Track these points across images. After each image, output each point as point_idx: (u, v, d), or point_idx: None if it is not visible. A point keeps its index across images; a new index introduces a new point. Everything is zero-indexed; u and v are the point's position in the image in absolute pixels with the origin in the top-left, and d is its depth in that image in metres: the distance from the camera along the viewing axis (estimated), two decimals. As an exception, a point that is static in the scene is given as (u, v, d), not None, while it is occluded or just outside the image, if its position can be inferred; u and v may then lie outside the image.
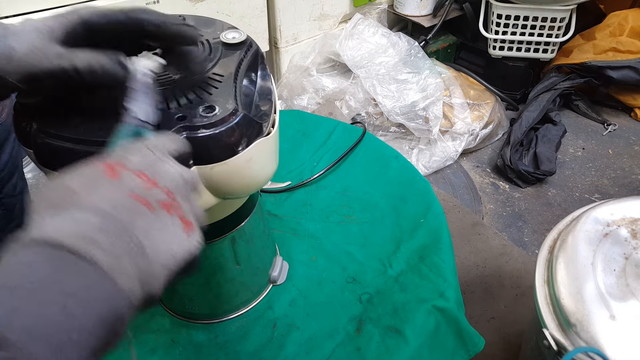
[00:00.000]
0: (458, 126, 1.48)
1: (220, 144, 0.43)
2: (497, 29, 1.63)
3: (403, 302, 0.68)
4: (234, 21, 1.36)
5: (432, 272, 0.71)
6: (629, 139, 1.63)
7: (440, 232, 0.77)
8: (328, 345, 0.65)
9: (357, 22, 1.55)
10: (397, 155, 0.93)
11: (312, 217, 0.83)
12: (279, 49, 1.54)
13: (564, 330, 0.57)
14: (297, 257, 0.77)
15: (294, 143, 0.99)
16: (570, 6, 1.54)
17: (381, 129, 1.49)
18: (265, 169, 0.51)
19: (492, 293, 0.98)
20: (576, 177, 1.49)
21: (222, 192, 0.48)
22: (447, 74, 1.55)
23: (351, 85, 1.49)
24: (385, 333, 0.65)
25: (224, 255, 0.63)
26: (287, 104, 1.54)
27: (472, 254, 1.06)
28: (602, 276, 0.58)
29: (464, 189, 1.43)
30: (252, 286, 0.70)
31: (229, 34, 0.52)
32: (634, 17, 1.63)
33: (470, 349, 0.65)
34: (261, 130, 0.47)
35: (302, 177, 0.91)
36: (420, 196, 0.84)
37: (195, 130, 0.42)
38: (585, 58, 1.62)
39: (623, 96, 1.70)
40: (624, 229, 0.62)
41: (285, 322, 0.68)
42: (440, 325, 0.66)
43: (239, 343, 0.66)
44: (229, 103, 0.44)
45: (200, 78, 0.47)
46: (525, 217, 1.35)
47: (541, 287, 0.62)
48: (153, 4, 1.19)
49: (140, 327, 0.68)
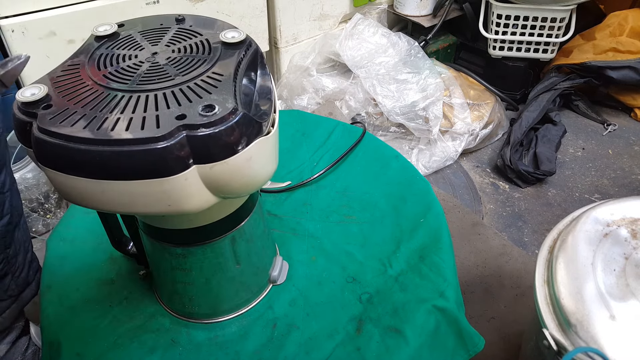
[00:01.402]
0: (458, 126, 1.48)
1: (220, 143, 0.43)
2: (497, 29, 1.63)
3: (403, 302, 0.68)
4: (234, 21, 1.36)
5: (432, 272, 0.71)
6: (629, 139, 1.63)
7: (440, 232, 0.77)
8: (328, 345, 0.65)
9: (357, 22, 1.55)
10: (397, 155, 0.93)
11: (312, 217, 0.83)
12: (279, 49, 1.54)
13: (564, 330, 0.57)
14: (297, 257, 0.77)
15: (294, 143, 0.99)
16: (570, 6, 1.53)
17: (381, 129, 1.49)
18: (265, 168, 0.51)
19: (492, 293, 0.98)
20: (576, 177, 1.49)
21: (222, 192, 0.48)
22: (447, 74, 1.55)
23: (351, 85, 1.49)
24: (385, 333, 0.65)
25: (224, 255, 0.63)
26: (287, 104, 1.54)
27: (472, 254, 1.06)
28: (602, 276, 0.58)
29: (464, 189, 1.43)
30: (252, 286, 0.70)
31: (229, 34, 0.53)
32: (634, 17, 1.63)
33: (470, 349, 0.65)
34: (261, 129, 0.47)
35: (302, 177, 0.91)
36: (420, 196, 0.84)
37: (195, 129, 0.42)
38: (585, 58, 1.62)
39: (623, 96, 1.70)
40: (624, 229, 0.62)
41: (285, 322, 0.68)
42: (440, 325, 0.66)
43: (239, 343, 0.66)
44: (228, 102, 0.44)
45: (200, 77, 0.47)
46: (525, 217, 1.35)
47: (541, 287, 0.62)
48: (153, 4, 1.19)
49: (140, 327, 0.68)
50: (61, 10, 1.08)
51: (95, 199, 0.45)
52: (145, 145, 0.40)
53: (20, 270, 0.75)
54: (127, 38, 0.54)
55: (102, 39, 0.54)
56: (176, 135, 0.41)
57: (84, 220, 0.84)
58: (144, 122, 0.42)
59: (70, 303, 0.71)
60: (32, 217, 1.23)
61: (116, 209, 0.47)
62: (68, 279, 0.75)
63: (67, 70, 0.50)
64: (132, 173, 0.42)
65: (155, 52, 0.52)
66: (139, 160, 0.41)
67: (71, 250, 0.79)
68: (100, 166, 0.42)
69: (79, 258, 0.78)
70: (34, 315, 0.83)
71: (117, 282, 0.74)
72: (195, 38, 0.54)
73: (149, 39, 0.54)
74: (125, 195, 0.44)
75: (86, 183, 0.43)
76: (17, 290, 0.75)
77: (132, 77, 0.48)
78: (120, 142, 0.40)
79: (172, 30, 0.56)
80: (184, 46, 0.53)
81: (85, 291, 0.73)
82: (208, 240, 0.60)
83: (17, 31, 1.04)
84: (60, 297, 0.72)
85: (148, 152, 0.41)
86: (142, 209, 0.46)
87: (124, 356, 0.65)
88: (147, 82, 0.47)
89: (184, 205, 0.46)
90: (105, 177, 0.42)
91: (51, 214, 1.26)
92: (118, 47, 0.53)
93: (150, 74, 0.48)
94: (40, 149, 0.43)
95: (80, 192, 0.45)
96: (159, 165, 0.42)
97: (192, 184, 0.44)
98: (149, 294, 0.73)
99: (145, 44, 0.53)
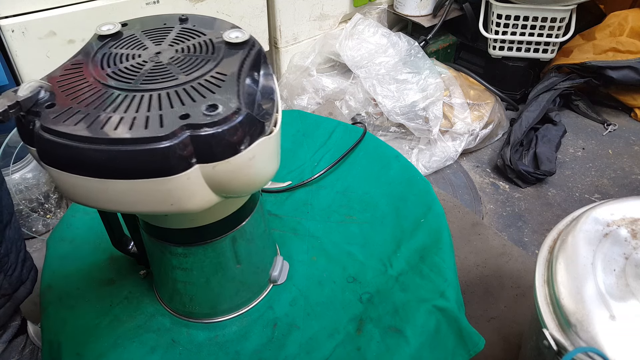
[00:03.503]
0: (458, 126, 1.48)
1: (223, 142, 0.43)
2: (497, 29, 1.63)
3: (403, 302, 0.69)
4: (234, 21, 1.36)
5: (432, 272, 0.72)
6: (629, 139, 1.63)
7: (440, 232, 0.77)
8: (328, 345, 0.65)
9: (357, 22, 1.55)
10: (397, 155, 0.93)
11: (313, 217, 0.83)
12: (279, 49, 1.54)
13: (564, 330, 0.57)
14: (297, 257, 0.77)
15: (295, 143, 0.99)
16: (570, 6, 1.54)
17: (381, 129, 1.49)
18: (267, 168, 0.51)
19: (492, 293, 0.98)
20: (576, 177, 1.49)
21: (224, 191, 0.48)
22: (447, 74, 1.55)
23: (351, 85, 1.49)
24: (385, 333, 0.65)
25: (224, 255, 0.63)
26: (287, 104, 1.54)
27: (472, 254, 1.06)
28: (602, 276, 0.58)
29: (464, 189, 1.43)
30: (252, 286, 0.70)
31: (232, 34, 0.53)
32: (634, 17, 1.63)
33: (471, 349, 0.65)
34: (263, 129, 0.47)
35: (303, 177, 0.91)
36: (420, 196, 0.84)
37: (199, 128, 0.42)
38: (585, 58, 1.62)
39: (623, 96, 1.70)
40: (624, 229, 0.62)
41: (285, 322, 0.68)
42: (441, 325, 0.66)
43: (239, 343, 0.66)
44: (232, 102, 0.44)
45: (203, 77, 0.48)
46: (525, 217, 1.35)
47: (541, 287, 0.62)
48: (153, 4, 1.19)
49: (140, 327, 0.68)
50: (61, 10, 1.08)
51: (98, 197, 0.45)
52: (148, 144, 0.40)
53: (12, 268, 0.75)
54: (131, 37, 0.54)
55: (105, 38, 0.54)
56: (180, 134, 0.41)
57: (84, 220, 0.84)
58: (148, 121, 0.42)
59: (70, 303, 0.71)
60: (32, 217, 1.23)
61: (119, 208, 0.47)
62: (68, 278, 0.75)
63: (70, 69, 0.50)
64: (135, 172, 0.42)
65: (159, 52, 0.52)
66: (142, 159, 0.41)
67: (71, 250, 0.79)
68: (104, 165, 0.42)
69: (79, 258, 0.78)
70: (33, 315, 0.83)
71: (118, 281, 0.74)
72: (198, 38, 0.54)
73: (152, 39, 0.54)
74: (128, 194, 0.44)
75: (89, 182, 0.43)
76: (10, 289, 0.75)
77: (135, 77, 0.48)
78: (123, 141, 0.41)
79: (176, 29, 0.56)
80: (188, 46, 0.53)
81: (85, 291, 0.73)
82: (209, 239, 0.60)
83: (17, 31, 1.04)
84: (61, 297, 0.72)
85: (151, 151, 0.41)
86: (145, 207, 0.46)
87: (124, 356, 0.65)
88: (150, 81, 0.47)
89: (186, 204, 0.46)
90: (109, 176, 0.42)
91: (51, 214, 1.26)
92: (121, 46, 0.53)
93: (154, 74, 0.48)
94: (44, 148, 0.43)
95: (83, 191, 0.45)
96: (162, 164, 0.42)
97: (195, 183, 0.44)
98: (149, 293, 0.73)
99: (148, 44, 0.53)
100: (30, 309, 0.88)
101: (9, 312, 0.76)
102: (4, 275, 0.73)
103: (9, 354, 0.78)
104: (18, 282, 0.77)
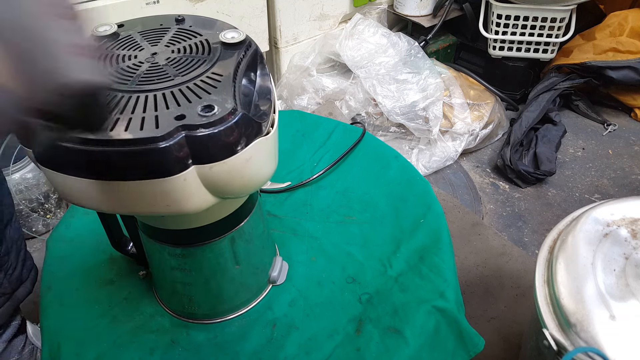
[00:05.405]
0: (458, 126, 1.48)
1: (219, 143, 0.43)
2: (497, 29, 1.63)
3: (403, 303, 0.68)
4: (234, 21, 1.36)
5: (432, 273, 0.71)
6: (629, 139, 1.63)
7: (440, 233, 0.77)
8: (328, 346, 0.65)
9: (357, 22, 1.55)
10: (397, 156, 0.93)
11: (312, 218, 0.83)
12: (279, 49, 1.54)
13: (564, 330, 0.57)
14: (296, 258, 0.77)
15: (294, 143, 0.99)
16: (570, 6, 1.53)
17: (381, 129, 1.49)
18: (265, 169, 0.51)
19: (492, 293, 0.98)
20: (576, 177, 1.49)
21: (221, 192, 0.48)
22: (447, 74, 1.55)
23: (351, 85, 1.49)
24: (385, 333, 0.65)
25: (223, 255, 0.63)
26: (287, 104, 1.54)
27: (472, 254, 1.06)
28: (602, 276, 0.58)
29: (464, 189, 1.43)
30: (251, 286, 0.70)
31: (228, 34, 0.53)
32: (634, 17, 1.63)
33: (471, 349, 0.65)
34: (260, 129, 0.47)
35: (302, 177, 0.91)
36: (420, 196, 0.84)
37: (194, 129, 0.42)
38: (585, 58, 1.62)
39: (623, 96, 1.70)
40: (624, 229, 0.62)
41: (284, 323, 0.68)
42: (440, 325, 0.66)
43: (239, 343, 0.66)
44: (228, 102, 0.44)
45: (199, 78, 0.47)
46: (525, 217, 1.35)
47: (541, 287, 0.62)
48: (153, 4, 1.19)
49: (139, 327, 0.68)
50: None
51: (94, 199, 0.45)
52: (144, 145, 0.40)
53: (13, 268, 0.75)
54: (127, 38, 0.54)
55: (101, 40, 0.54)
56: (175, 135, 0.41)
57: (83, 220, 0.84)
58: (143, 122, 0.42)
59: (70, 303, 0.71)
60: (32, 217, 1.23)
61: (115, 209, 0.47)
62: (68, 279, 0.75)
63: (67, 71, 0.50)
64: (131, 173, 0.42)
65: (155, 53, 0.52)
66: (138, 160, 0.41)
67: (71, 250, 0.79)
68: (99, 166, 0.42)
69: (79, 258, 0.78)
70: (33, 315, 0.83)
71: (117, 282, 0.74)
72: (195, 38, 0.54)
73: (149, 40, 0.54)
74: (124, 195, 0.44)
75: (85, 183, 0.43)
76: (10, 288, 0.75)
77: (131, 78, 0.48)
78: (119, 142, 0.40)
79: (172, 30, 0.56)
80: (184, 46, 0.53)
81: (85, 291, 0.73)
82: (208, 240, 0.60)
83: (17, 31, 1.04)
84: (60, 297, 0.72)
85: (147, 153, 0.41)
86: (141, 209, 0.46)
87: (124, 356, 0.65)
88: (146, 82, 0.47)
89: (183, 205, 0.46)
90: (104, 178, 0.42)
91: (51, 214, 1.26)
92: (117, 47, 0.53)
93: (150, 74, 0.48)
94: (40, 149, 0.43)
95: (79, 193, 0.45)
96: (158, 165, 0.42)
97: (191, 185, 0.44)
98: (148, 294, 0.73)
99: (144, 44, 0.53)
100: (30, 309, 0.88)
101: (8, 312, 0.76)
102: (4, 274, 0.73)
103: (9, 353, 0.78)
104: (18, 281, 0.77)
